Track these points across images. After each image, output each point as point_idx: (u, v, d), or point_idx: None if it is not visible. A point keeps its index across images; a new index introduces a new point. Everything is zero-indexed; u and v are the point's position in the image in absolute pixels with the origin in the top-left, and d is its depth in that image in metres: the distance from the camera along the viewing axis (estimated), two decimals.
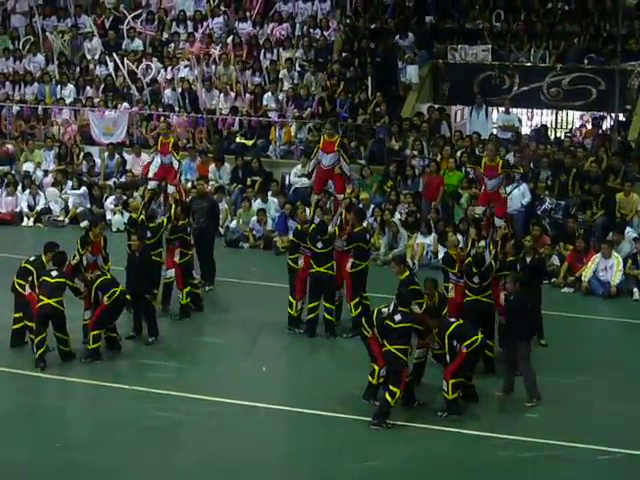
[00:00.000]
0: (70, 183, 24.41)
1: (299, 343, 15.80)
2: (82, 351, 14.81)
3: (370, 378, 13.21)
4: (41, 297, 14.31)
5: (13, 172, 25.20)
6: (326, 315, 15.89)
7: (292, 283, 16.23)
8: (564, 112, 26.70)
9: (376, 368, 13.15)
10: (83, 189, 24.13)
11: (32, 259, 15.07)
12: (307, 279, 16.01)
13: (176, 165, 17.67)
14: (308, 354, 15.46)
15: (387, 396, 12.61)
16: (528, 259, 15.53)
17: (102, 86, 26.96)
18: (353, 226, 16.06)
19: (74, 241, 15.71)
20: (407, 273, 14.22)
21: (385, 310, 13.02)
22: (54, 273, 14.53)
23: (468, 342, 12.88)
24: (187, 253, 16.95)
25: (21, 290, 14.87)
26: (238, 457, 11.84)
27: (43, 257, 14.96)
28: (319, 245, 15.77)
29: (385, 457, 11.84)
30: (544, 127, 25.55)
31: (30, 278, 14.74)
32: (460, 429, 12.52)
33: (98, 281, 14.78)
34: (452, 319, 13.34)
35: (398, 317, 12.77)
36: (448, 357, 12.91)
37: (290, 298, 16.14)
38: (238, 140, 25.16)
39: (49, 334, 14.46)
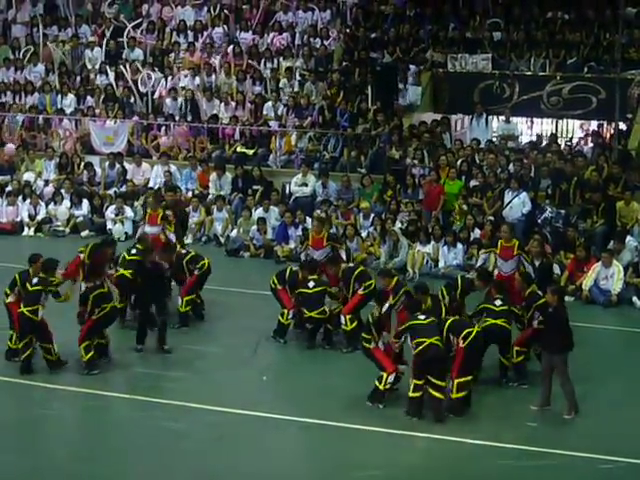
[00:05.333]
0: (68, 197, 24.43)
1: (300, 352, 15.80)
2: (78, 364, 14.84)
3: (377, 383, 13.33)
4: (20, 305, 14.46)
5: (14, 181, 25.22)
6: (329, 325, 15.88)
7: (277, 299, 16.27)
8: (564, 121, 26.69)
9: (384, 375, 13.30)
10: (85, 203, 24.11)
11: (23, 270, 15.09)
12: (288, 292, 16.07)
13: (171, 238, 17.66)
14: (309, 363, 15.44)
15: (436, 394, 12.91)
16: (537, 263, 15.60)
17: (103, 96, 27.01)
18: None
19: (74, 251, 15.75)
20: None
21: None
22: (34, 280, 14.58)
23: (464, 334, 13.13)
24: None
25: (4, 298, 15.01)
26: (238, 466, 11.82)
27: (30, 269, 14.91)
28: (310, 284, 15.79)
29: (385, 466, 11.82)
30: (554, 136, 25.41)
31: (16, 288, 14.84)
32: (460, 438, 12.50)
33: (94, 293, 14.81)
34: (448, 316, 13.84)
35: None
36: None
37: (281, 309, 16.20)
38: (239, 149, 25.19)
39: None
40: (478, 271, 15.67)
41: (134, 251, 16.54)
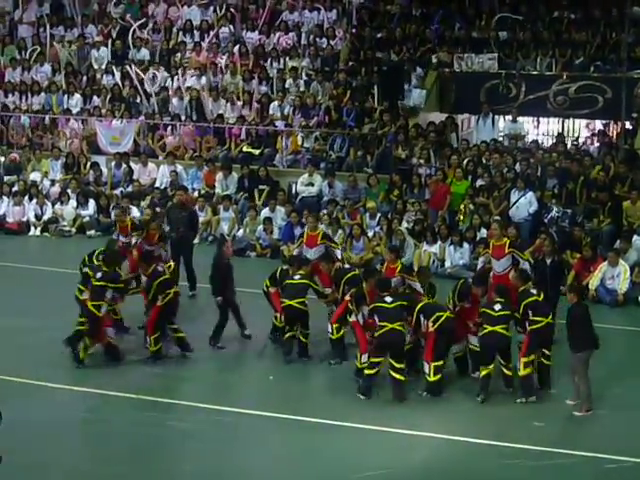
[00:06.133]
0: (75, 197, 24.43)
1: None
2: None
3: (356, 361, 14.02)
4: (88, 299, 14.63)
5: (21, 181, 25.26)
6: (301, 337, 15.48)
7: (269, 302, 16.16)
8: (570, 120, 26.67)
9: (358, 355, 13.89)
10: (91, 203, 24.14)
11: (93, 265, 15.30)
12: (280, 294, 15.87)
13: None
14: (313, 363, 15.41)
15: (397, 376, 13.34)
16: (548, 261, 15.62)
17: (109, 96, 27.04)
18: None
19: (81, 250, 15.77)
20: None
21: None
22: (98, 275, 14.73)
23: (434, 317, 13.41)
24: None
25: (78, 295, 15.06)
26: (243, 466, 11.82)
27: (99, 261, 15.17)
28: (296, 277, 15.55)
29: (386, 466, 11.77)
30: (561, 135, 25.38)
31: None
32: (465, 438, 12.48)
33: (158, 280, 14.96)
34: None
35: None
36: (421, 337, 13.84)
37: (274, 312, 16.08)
38: (245, 149, 25.21)
39: None
40: (473, 276, 15.66)
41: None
